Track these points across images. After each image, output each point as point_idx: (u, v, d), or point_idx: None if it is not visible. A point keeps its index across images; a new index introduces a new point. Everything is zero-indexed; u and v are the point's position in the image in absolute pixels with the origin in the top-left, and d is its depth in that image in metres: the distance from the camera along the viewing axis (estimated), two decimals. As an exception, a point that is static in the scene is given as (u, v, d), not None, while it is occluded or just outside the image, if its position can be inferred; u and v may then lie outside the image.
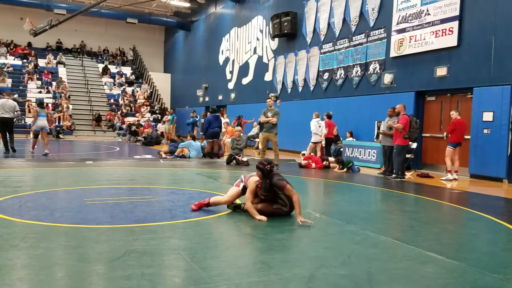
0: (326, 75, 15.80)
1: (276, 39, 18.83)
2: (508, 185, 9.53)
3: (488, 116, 10.16)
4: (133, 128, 22.43)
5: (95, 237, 4.15)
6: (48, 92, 26.92)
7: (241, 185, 5.40)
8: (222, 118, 18.33)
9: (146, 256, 3.55)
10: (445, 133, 11.04)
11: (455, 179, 10.06)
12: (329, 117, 13.49)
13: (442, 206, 6.76)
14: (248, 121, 18.71)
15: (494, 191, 8.49)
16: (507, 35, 9.84)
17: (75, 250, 3.71)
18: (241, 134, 13.12)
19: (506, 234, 4.96)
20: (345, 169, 11.32)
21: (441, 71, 11.37)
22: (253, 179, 5.22)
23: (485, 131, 10.21)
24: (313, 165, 11.85)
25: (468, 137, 10.55)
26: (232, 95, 22.73)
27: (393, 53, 12.78)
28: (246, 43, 21.59)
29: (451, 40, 11.03)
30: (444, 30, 11.23)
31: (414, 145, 10.95)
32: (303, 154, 13.99)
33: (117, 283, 2.96)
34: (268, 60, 19.61)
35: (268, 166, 5.04)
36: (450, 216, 5.85)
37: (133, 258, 3.49)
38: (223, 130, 15.78)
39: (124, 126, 24.64)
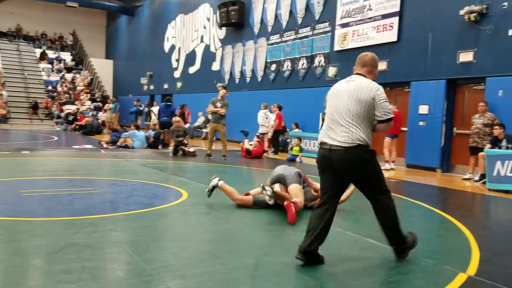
0: (273, 67, 15.93)
1: (224, 28, 18.71)
2: (441, 175, 10.14)
3: (423, 109, 10.72)
4: (71, 117, 21.49)
5: (32, 230, 3.96)
6: (-21, 77, 25.15)
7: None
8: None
9: (87, 250, 3.44)
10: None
11: (392, 169, 10.56)
12: (280, 108, 13.61)
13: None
14: None
15: (428, 180, 9.00)
16: (443, 31, 10.40)
17: (10, 244, 3.52)
18: (184, 124, 12.94)
19: (439, 221, 5.29)
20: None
21: (382, 66, 11.81)
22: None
23: (421, 123, 10.77)
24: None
25: (405, 129, 11.09)
26: (179, 84, 22.36)
27: (337, 47, 13.11)
28: (193, 31, 21.27)
29: (391, 36, 11.48)
30: (384, 26, 11.67)
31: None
32: (251, 145, 14.07)
33: (56, 277, 2.85)
34: (216, 50, 19.45)
35: None
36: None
37: (73, 252, 3.37)
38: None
39: (62, 115, 23.54)
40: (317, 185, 5.36)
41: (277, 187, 5.15)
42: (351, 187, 5.41)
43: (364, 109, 3.24)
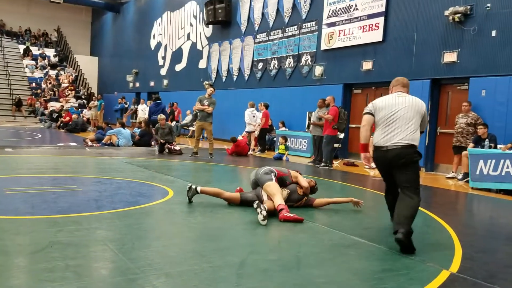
0: (260, 65, 15.94)
1: (210, 26, 18.65)
2: (425, 173, 10.27)
3: (408, 109, 10.81)
4: (55, 114, 21.20)
5: (15, 228, 3.90)
6: (-40, 73, 24.66)
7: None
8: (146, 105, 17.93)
9: (71, 248, 3.40)
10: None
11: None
12: (267, 107, 13.61)
13: (366, 193, 7.14)
14: None
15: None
16: (427, 32, 10.52)
17: (-9, 244, 3.46)
18: (172, 122, 12.89)
19: (423, 218, 5.35)
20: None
21: (367, 65, 11.93)
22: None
23: (406, 122, 10.87)
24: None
25: (391, 128, 11.18)
26: (165, 82, 22.23)
27: (323, 46, 13.17)
28: (179, 29, 21.15)
29: (377, 35, 11.58)
30: (370, 26, 11.76)
31: (341, 135, 11.42)
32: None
33: (40, 276, 2.82)
34: (202, 47, 19.38)
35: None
36: (372, 202, 6.20)
37: (57, 250, 3.33)
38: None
39: (46, 112, 23.21)
40: (304, 183, 5.38)
41: (264, 196, 5.07)
42: (347, 198, 5.62)
43: (418, 119, 4.15)
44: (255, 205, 4.60)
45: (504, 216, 6.24)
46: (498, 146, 8.28)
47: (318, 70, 13.28)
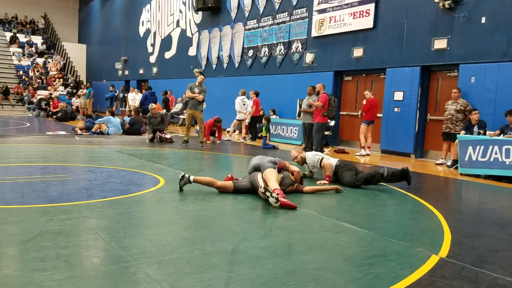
0: (250, 52, 15.85)
1: (200, 13, 18.45)
2: (415, 160, 10.36)
3: (398, 96, 10.88)
4: (43, 103, 20.94)
5: (5, 218, 3.86)
6: None
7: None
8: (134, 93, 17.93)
9: (62, 237, 3.39)
10: (360, 111, 11.66)
11: (368, 155, 10.73)
12: (257, 95, 13.55)
13: (357, 180, 7.18)
14: None
15: (402, 165, 9.15)
16: (417, 18, 10.52)
17: (-20, 233, 3.43)
18: (162, 111, 12.82)
19: (412, 204, 5.41)
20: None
21: (358, 52, 11.91)
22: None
23: (396, 109, 10.94)
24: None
25: (380, 115, 11.25)
26: (154, 69, 22.03)
27: (314, 33, 13.12)
28: (168, 15, 20.91)
29: (368, 22, 11.56)
30: (361, 12, 11.72)
31: (332, 123, 11.45)
32: (228, 131, 14.05)
33: (31, 265, 2.81)
34: (192, 34, 19.20)
35: None
36: (362, 188, 6.24)
37: (48, 239, 3.31)
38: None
39: (34, 100, 22.91)
40: (295, 168, 5.56)
41: (259, 177, 5.21)
42: (332, 186, 5.78)
43: None
44: (262, 190, 4.75)
45: (492, 201, 6.33)
46: (487, 132, 8.36)
47: (309, 57, 13.24)
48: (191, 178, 5.32)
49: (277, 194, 4.73)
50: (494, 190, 6.94)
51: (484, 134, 8.29)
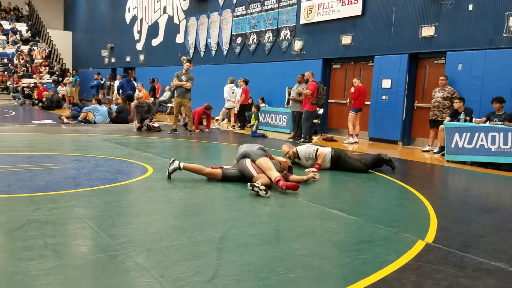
0: (239, 40, 15.73)
1: None
2: (403, 147, 10.45)
3: (386, 83, 10.93)
4: (27, 91, 20.61)
5: (-11, 208, 3.82)
6: None
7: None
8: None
9: (49, 226, 3.36)
10: (348, 99, 11.68)
11: (356, 142, 10.79)
12: (246, 83, 13.47)
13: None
14: None
15: (390, 153, 9.21)
16: (405, 6, 10.52)
17: (-35, 223, 3.39)
18: (151, 99, 12.70)
19: (399, 191, 5.47)
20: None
21: (346, 40, 11.90)
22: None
23: (384, 97, 10.99)
24: None
25: (368, 103, 11.30)
26: (141, 57, 21.78)
27: (303, 20, 13.06)
28: (155, 2, 20.62)
29: (356, 9, 11.53)
30: (350, -1, 11.68)
31: (321, 111, 11.47)
32: (217, 120, 14.00)
33: (18, 254, 2.78)
34: (179, 21, 18.98)
35: None
36: (350, 176, 6.29)
37: (35, 228, 3.28)
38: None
39: (19, 89, 22.55)
40: (282, 159, 5.61)
41: (249, 165, 5.21)
42: (310, 175, 5.72)
43: None
44: (249, 187, 4.70)
45: (478, 187, 6.43)
46: (474, 119, 8.45)
47: (298, 45, 13.20)
48: (181, 164, 5.33)
49: (279, 180, 4.82)
50: (480, 176, 7.05)
51: (471, 121, 8.38)
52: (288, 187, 4.80)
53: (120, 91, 14.68)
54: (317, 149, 6.53)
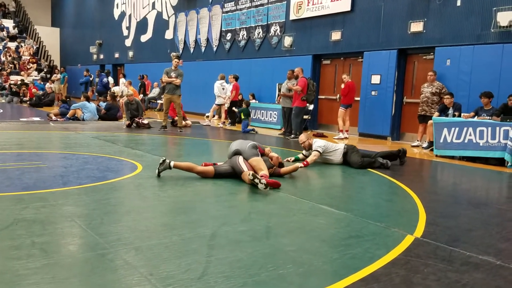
0: (229, 36, 15.68)
1: (176, -5, 18.11)
2: (392, 142, 10.51)
3: (376, 79, 10.97)
4: (14, 88, 20.34)
5: (-24, 207, 3.77)
6: None
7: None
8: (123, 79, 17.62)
9: (37, 225, 3.33)
10: (338, 95, 11.72)
11: (346, 138, 10.84)
12: (237, 79, 13.42)
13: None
14: None
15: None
16: (394, 1, 10.56)
17: (-49, 223, 3.34)
18: (141, 95, 12.61)
19: (388, 186, 5.50)
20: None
21: (336, 36, 11.92)
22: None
23: (373, 93, 11.04)
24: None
25: (358, 98, 11.34)
26: (130, 53, 21.61)
27: (292, 16, 13.04)
28: (144, -2, 20.45)
29: (345, 5, 11.54)
30: (339, -5, 11.68)
31: (311, 107, 11.48)
32: (207, 116, 13.95)
33: (5, 254, 2.75)
34: (168, 17, 18.85)
35: None
36: (340, 171, 6.32)
37: (22, 227, 3.25)
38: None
39: (7, 86, 22.25)
40: (274, 154, 5.63)
41: (241, 162, 5.25)
42: (296, 164, 5.79)
43: None
44: (250, 177, 4.75)
45: (466, 182, 6.49)
46: (462, 114, 8.53)
47: (287, 40, 13.18)
48: (172, 163, 5.27)
49: (262, 177, 4.84)
50: (469, 171, 7.12)
51: (459, 116, 8.45)
52: (270, 183, 4.81)
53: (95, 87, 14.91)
54: (317, 149, 6.69)
